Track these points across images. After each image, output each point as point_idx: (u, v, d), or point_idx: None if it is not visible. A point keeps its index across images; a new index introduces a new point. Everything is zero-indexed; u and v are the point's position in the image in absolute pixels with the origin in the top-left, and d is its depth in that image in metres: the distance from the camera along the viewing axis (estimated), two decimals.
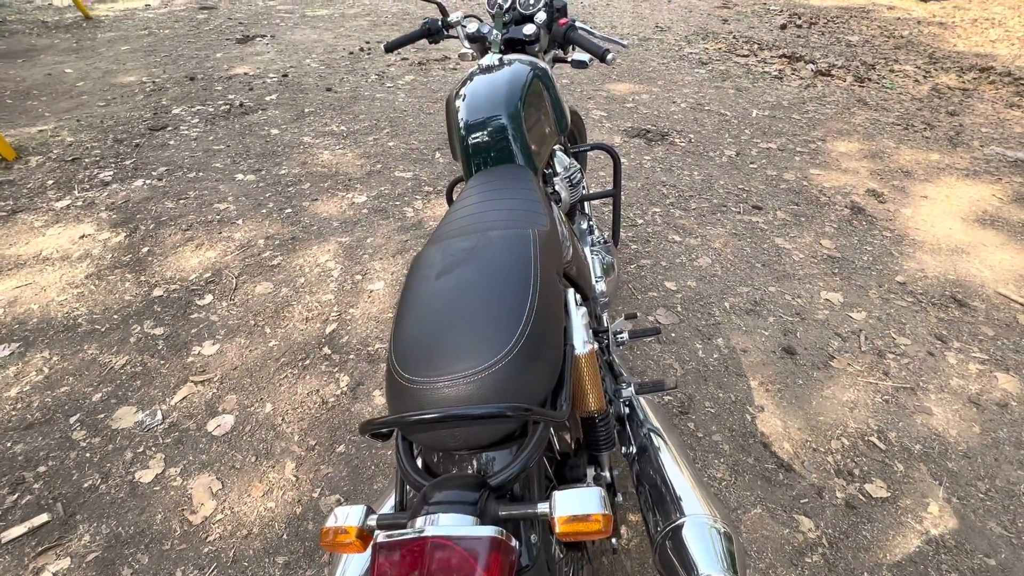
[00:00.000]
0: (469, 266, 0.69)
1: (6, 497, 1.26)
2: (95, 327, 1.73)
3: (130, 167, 2.63)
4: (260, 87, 3.61)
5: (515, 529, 0.56)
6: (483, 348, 0.58)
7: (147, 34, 4.73)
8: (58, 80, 3.72)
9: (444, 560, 0.45)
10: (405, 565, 0.46)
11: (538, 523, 0.60)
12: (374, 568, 0.48)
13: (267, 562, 1.16)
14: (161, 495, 1.28)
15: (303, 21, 5.23)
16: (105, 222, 2.22)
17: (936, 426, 1.49)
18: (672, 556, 0.70)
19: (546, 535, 0.66)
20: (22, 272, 1.95)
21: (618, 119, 3.34)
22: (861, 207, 2.52)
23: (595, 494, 0.51)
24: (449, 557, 0.45)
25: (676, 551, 0.70)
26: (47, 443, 1.38)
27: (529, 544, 0.57)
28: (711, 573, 0.65)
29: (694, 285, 1.99)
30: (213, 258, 2.04)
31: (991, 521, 1.26)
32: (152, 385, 1.54)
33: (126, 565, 1.15)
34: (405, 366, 0.60)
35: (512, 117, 1.06)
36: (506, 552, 0.47)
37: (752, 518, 1.25)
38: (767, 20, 5.87)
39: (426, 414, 0.53)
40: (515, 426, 0.58)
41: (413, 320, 0.64)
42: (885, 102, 3.77)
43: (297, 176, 2.60)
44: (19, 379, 1.55)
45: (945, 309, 1.92)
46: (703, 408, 1.52)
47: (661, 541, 0.72)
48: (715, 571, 0.65)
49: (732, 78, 4.12)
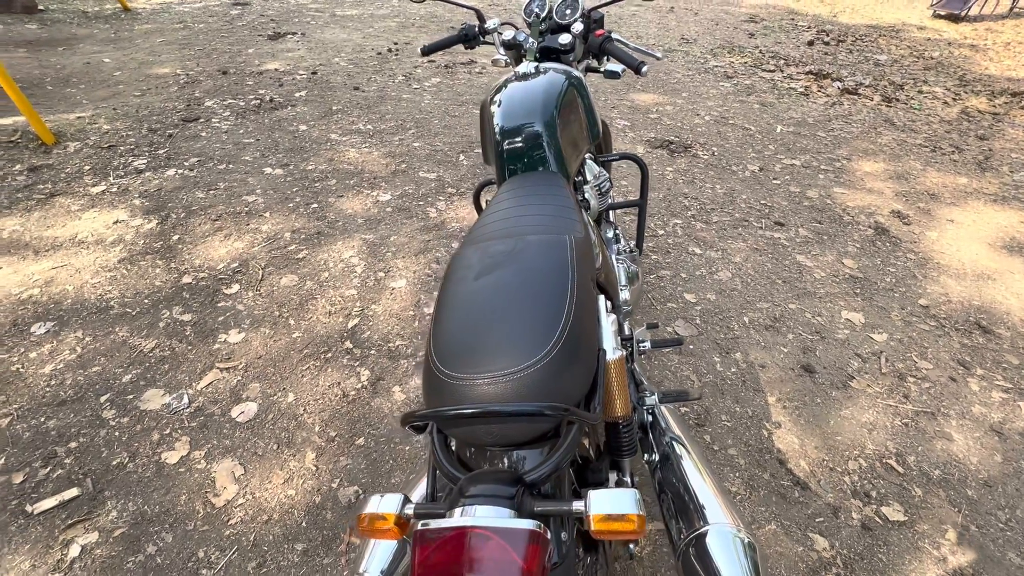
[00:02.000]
0: (508, 268, 0.71)
1: (39, 470, 1.30)
2: (126, 310, 1.78)
3: (163, 156, 2.70)
4: (290, 83, 3.68)
5: (547, 526, 0.57)
6: (522, 348, 0.60)
7: (182, 27, 4.84)
8: (96, 69, 3.83)
9: (484, 550, 0.47)
10: (447, 554, 0.48)
11: (568, 522, 0.61)
12: (416, 556, 0.49)
13: (286, 548, 1.18)
14: (186, 477, 1.31)
15: (333, 20, 5.32)
16: (138, 209, 2.29)
17: (956, 452, 1.48)
18: (696, 563, 0.70)
19: (571, 536, 0.68)
20: (58, 254, 2.02)
21: (641, 129, 3.35)
22: (885, 228, 2.50)
23: (631, 495, 0.52)
24: (490, 547, 0.47)
25: (700, 559, 0.70)
26: (78, 420, 1.43)
27: (559, 541, 0.58)
28: None
29: (713, 298, 1.99)
30: (241, 249, 2.09)
31: (1011, 552, 1.24)
32: (179, 370, 1.58)
33: (151, 542, 1.18)
34: (445, 362, 0.62)
35: (547, 124, 1.08)
36: (543, 545, 0.49)
37: (766, 534, 1.25)
38: (794, 36, 5.85)
39: (466, 409, 0.55)
40: (550, 425, 0.59)
41: (453, 318, 0.66)
42: (913, 123, 3.74)
43: (324, 172, 2.65)
44: (53, 357, 1.60)
45: (969, 335, 1.89)
46: (720, 421, 1.52)
47: (684, 548, 0.73)
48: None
49: (757, 93, 4.11)
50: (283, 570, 1.14)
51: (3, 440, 1.35)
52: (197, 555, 1.16)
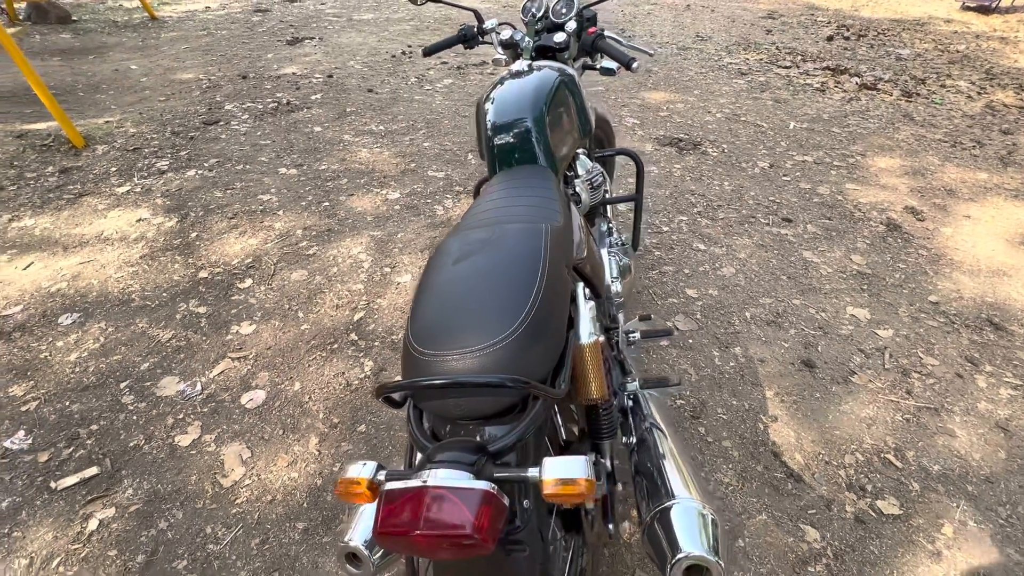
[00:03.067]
0: (483, 254, 0.75)
1: (63, 450, 1.39)
2: (146, 303, 1.87)
3: (184, 158, 2.81)
4: (306, 86, 3.79)
5: (509, 492, 0.60)
6: (490, 326, 0.63)
7: (206, 34, 5.02)
8: (124, 75, 4.00)
9: (441, 508, 0.51)
10: (407, 510, 0.52)
11: (532, 493, 0.64)
12: (380, 513, 0.53)
13: (288, 527, 1.24)
14: (197, 459, 1.38)
15: (350, 25, 5.44)
16: (160, 208, 2.39)
17: (958, 448, 1.46)
18: (659, 534, 0.73)
19: (543, 512, 0.71)
20: (85, 250, 2.13)
21: (651, 127, 3.36)
22: (897, 224, 2.46)
23: (581, 461, 0.55)
24: (446, 506, 0.51)
25: (663, 530, 0.73)
26: (100, 404, 1.51)
27: (522, 509, 0.62)
28: (693, 551, 0.68)
29: (716, 294, 1.99)
30: (254, 245, 2.18)
31: (1010, 548, 1.23)
32: (194, 359, 1.66)
33: (163, 518, 1.25)
34: (419, 340, 0.66)
35: (536, 120, 1.11)
36: (496, 506, 0.52)
37: (756, 524, 1.26)
38: (813, 32, 5.75)
39: (433, 380, 0.59)
40: (514, 399, 0.63)
41: (429, 301, 0.70)
42: (933, 118, 3.65)
43: (336, 172, 2.73)
44: (78, 346, 1.70)
45: (980, 332, 1.86)
46: (715, 414, 1.53)
47: (650, 521, 0.76)
48: (698, 550, 0.68)
49: (771, 89, 4.06)
50: (284, 547, 1.20)
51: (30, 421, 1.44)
52: (205, 531, 1.23)
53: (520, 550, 0.61)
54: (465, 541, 0.50)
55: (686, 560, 0.67)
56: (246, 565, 1.17)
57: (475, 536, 0.49)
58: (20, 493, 1.29)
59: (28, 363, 1.64)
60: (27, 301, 1.87)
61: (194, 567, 1.16)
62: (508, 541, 0.61)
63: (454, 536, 0.50)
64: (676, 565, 0.67)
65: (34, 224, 2.26)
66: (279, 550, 1.20)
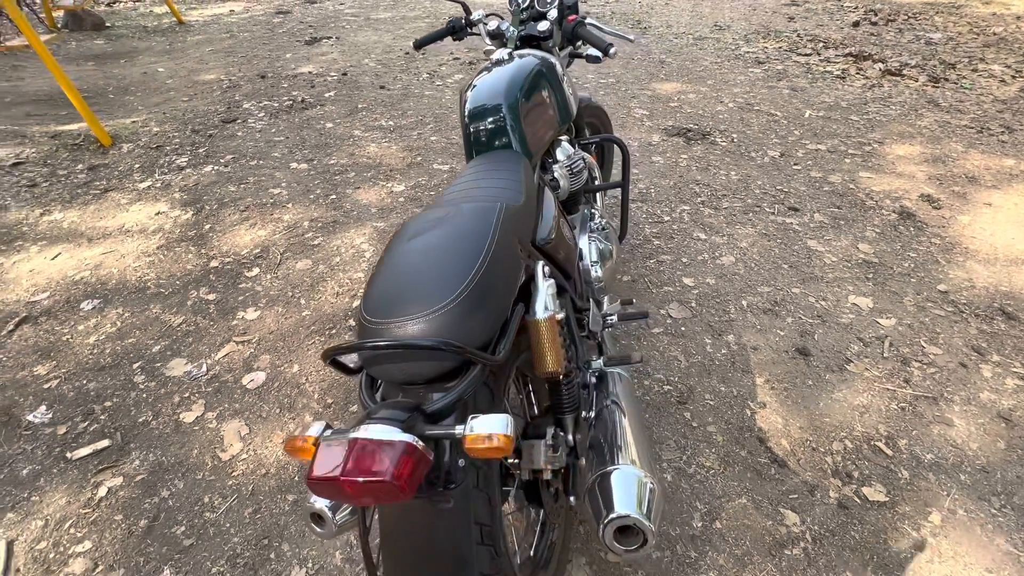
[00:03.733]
0: (436, 231, 0.78)
1: (79, 424, 1.49)
2: (160, 290, 1.98)
3: (203, 154, 2.94)
4: (321, 84, 3.89)
5: (440, 451, 0.64)
6: (431, 295, 0.67)
7: (229, 37, 5.20)
8: (152, 78, 4.19)
9: (365, 458, 0.55)
10: (334, 459, 0.56)
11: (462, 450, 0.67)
12: (312, 463, 0.58)
13: (279, 498, 1.30)
14: (199, 434, 1.46)
15: (367, 24, 5.54)
16: (177, 201, 2.51)
17: (955, 438, 1.42)
18: (598, 496, 0.75)
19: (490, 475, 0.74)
20: (107, 241, 2.26)
21: (660, 118, 3.33)
22: (911, 212, 2.39)
23: (502, 419, 0.58)
24: (369, 455, 0.55)
25: (601, 493, 0.75)
26: (113, 383, 1.61)
27: (456, 467, 0.65)
28: (625, 512, 0.70)
29: (713, 282, 1.98)
30: (263, 236, 2.26)
31: (1000, 537, 1.20)
32: (201, 342, 1.75)
33: (165, 488, 1.33)
34: (368, 311, 0.70)
35: (511, 107, 1.14)
36: (418, 459, 0.56)
37: (735, 507, 1.26)
38: (839, 17, 5.57)
39: (378, 341, 0.63)
40: (453, 364, 0.66)
41: (381, 274, 0.74)
42: (960, 104, 3.50)
43: (344, 166, 2.81)
44: (97, 329, 1.81)
45: (990, 321, 1.79)
46: (702, 400, 1.53)
47: (591, 485, 0.78)
48: (630, 511, 0.70)
49: (789, 78, 3.96)
50: (275, 517, 1.26)
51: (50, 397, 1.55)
52: (203, 500, 1.30)
53: (445, 502, 0.64)
54: (385, 489, 0.53)
55: (617, 520, 0.69)
56: (239, 532, 1.24)
57: (393, 483, 0.53)
58: (39, 462, 1.40)
59: (52, 345, 1.76)
60: (53, 288, 2.00)
61: (191, 532, 1.24)
62: (437, 494, 0.64)
63: (374, 483, 0.53)
64: (608, 525, 0.69)
65: (63, 217, 2.41)
66: (270, 519, 1.26)
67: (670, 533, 1.21)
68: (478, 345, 0.68)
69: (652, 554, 1.17)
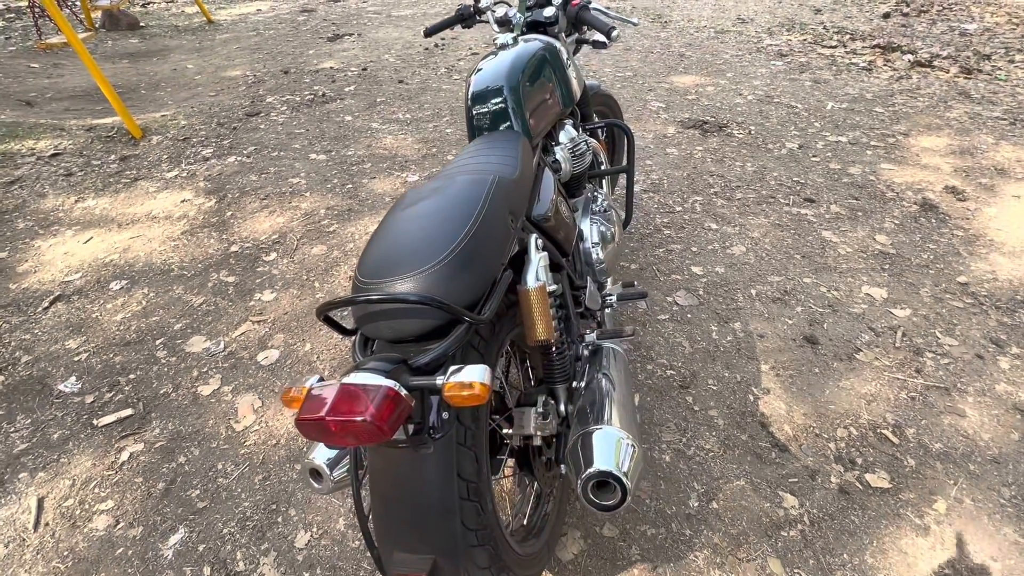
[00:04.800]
0: (430, 200, 0.81)
1: (105, 394, 1.58)
2: (183, 272, 2.07)
3: (227, 146, 3.04)
4: (342, 79, 3.98)
5: (427, 405, 0.67)
6: (420, 256, 0.70)
7: (255, 34, 5.35)
8: (181, 74, 4.35)
9: (348, 399, 0.58)
10: (321, 403, 0.59)
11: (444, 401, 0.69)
12: (302, 406, 0.61)
13: (287, 467, 1.36)
14: (215, 406, 1.53)
15: (388, 21, 5.63)
16: (202, 190, 2.61)
17: (966, 428, 1.39)
18: (579, 453, 0.77)
19: (474, 428, 0.76)
20: (136, 226, 2.36)
21: (676, 110, 3.30)
22: (934, 204, 2.32)
23: (481, 369, 0.61)
24: (352, 398, 0.58)
25: (582, 450, 0.77)
26: (138, 357, 1.70)
27: (440, 418, 0.68)
28: (604, 468, 0.71)
29: (722, 271, 1.97)
30: (281, 223, 2.34)
31: (1007, 527, 1.17)
32: (220, 321, 1.83)
33: (182, 454, 1.40)
34: (363, 272, 0.73)
35: (512, 89, 1.16)
36: (398, 403, 0.59)
37: (733, 489, 1.26)
38: (868, 9, 5.42)
39: (369, 296, 0.67)
40: (438, 321, 0.69)
41: (377, 239, 0.78)
42: (993, 95, 3.38)
43: (361, 157, 2.87)
44: (124, 308, 1.91)
45: (1011, 314, 1.74)
46: (705, 385, 1.53)
47: (573, 444, 0.80)
48: (609, 467, 0.72)
49: (812, 70, 3.88)
50: (283, 484, 1.32)
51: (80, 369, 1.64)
52: (216, 467, 1.37)
53: (426, 447, 0.67)
54: (363, 428, 0.56)
55: (595, 476, 0.71)
56: (249, 497, 1.29)
57: (372, 423, 0.56)
58: (68, 427, 1.48)
59: (83, 321, 1.86)
60: (85, 270, 2.11)
61: (205, 496, 1.30)
62: (419, 440, 0.67)
63: (355, 422, 0.57)
64: (586, 479, 0.71)
65: (95, 204, 2.53)
66: (278, 486, 1.31)
67: (665, 511, 1.22)
68: (464, 305, 0.71)
69: (647, 531, 1.18)
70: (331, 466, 0.84)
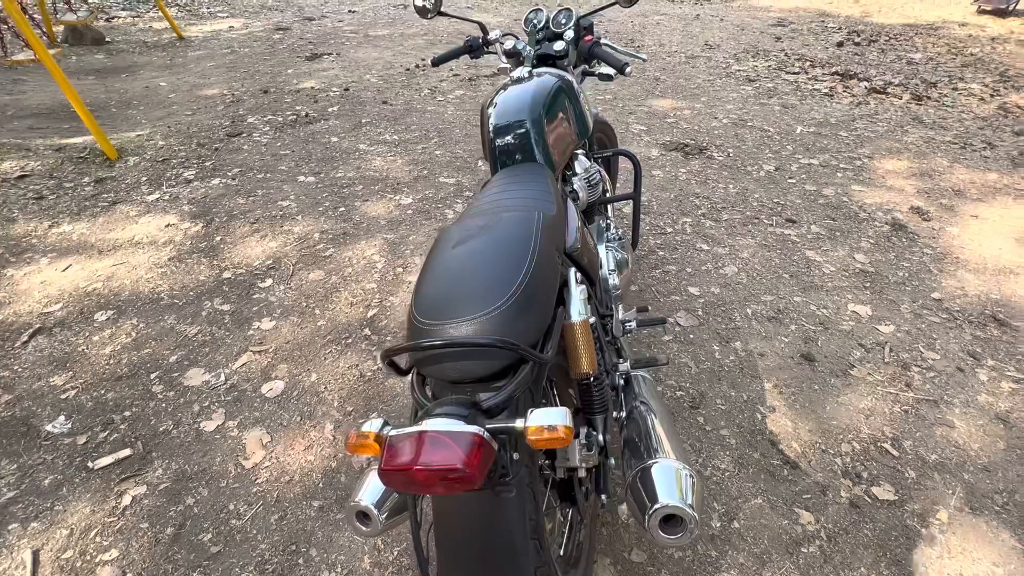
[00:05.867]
0: (480, 238, 0.82)
1: (99, 433, 1.50)
2: (174, 301, 1.99)
3: (209, 167, 2.96)
4: (324, 99, 3.95)
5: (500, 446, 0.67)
6: (484, 298, 0.71)
7: (229, 52, 5.25)
8: (154, 92, 4.22)
9: (436, 447, 0.58)
10: (408, 450, 0.59)
11: (521, 449, 0.71)
12: (383, 456, 0.61)
13: (304, 504, 1.32)
14: (220, 442, 1.47)
15: (366, 40, 5.64)
16: (186, 214, 2.53)
17: (957, 439, 1.48)
18: (640, 490, 0.79)
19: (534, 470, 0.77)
20: (118, 253, 2.27)
21: (657, 133, 3.42)
22: (903, 224, 2.48)
23: (561, 411, 0.62)
24: (440, 445, 0.58)
25: (643, 486, 0.79)
26: (132, 393, 1.62)
27: (512, 461, 0.69)
28: (670, 502, 0.73)
29: (717, 291, 2.04)
30: (275, 248, 2.29)
31: (1005, 532, 1.25)
32: (218, 352, 1.77)
33: (190, 495, 1.34)
34: (422, 313, 0.74)
35: (535, 122, 1.19)
36: (485, 448, 0.59)
37: (752, 507, 1.30)
38: (823, 38, 5.77)
39: (434, 341, 0.67)
40: (505, 362, 0.70)
41: (431, 279, 0.78)
42: (943, 120, 3.65)
43: (352, 179, 2.85)
44: (112, 340, 1.82)
45: (983, 327, 1.87)
46: (714, 404, 1.57)
47: (631, 481, 0.82)
48: (674, 500, 0.74)
49: (779, 95, 4.10)
50: (301, 522, 1.28)
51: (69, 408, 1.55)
52: (228, 508, 1.31)
53: (508, 491, 0.68)
54: (456, 475, 0.57)
55: (663, 510, 0.73)
56: (266, 538, 1.25)
57: (465, 470, 0.56)
58: (61, 471, 1.40)
59: (67, 355, 1.76)
60: (66, 300, 2.00)
61: (218, 539, 1.25)
62: (498, 484, 0.67)
63: (447, 470, 0.57)
64: (653, 515, 0.73)
65: (72, 229, 2.42)
66: (296, 525, 1.27)
67: None
68: (528, 344, 0.72)
69: (674, 554, 1.20)
70: (379, 506, 0.83)
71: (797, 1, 7.56)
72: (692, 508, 0.73)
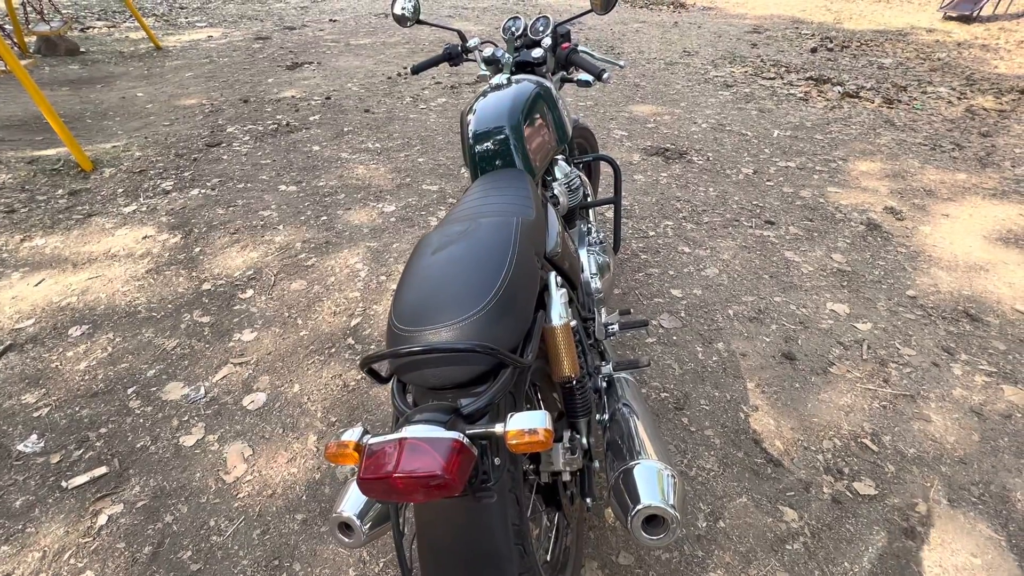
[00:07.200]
0: (459, 244, 0.83)
1: (73, 452, 1.46)
2: (152, 314, 1.95)
3: (188, 178, 2.92)
4: (305, 108, 3.93)
5: (481, 452, 0.67)
6: (462, 303, 0.71)
7: (208, 62, 5.20)
8: (130, 102, 4.16)
9: (415, 454, 0.58)
10: (387, 458, 0.59)
11: (502, 453, 0.71)
12: (362, 464, 0.60)
13: (287, 518, 1.29)
14: (200, 457, 1.44)
15: (347, 49, 5.63)
16: (164, 225, 2.49)
17: (933, 432, 1.51)
18: (623, 490, 0.79)
19: (517, 474, 0.77)
20: (94, 266, 2.22)
21: (638, 138, 3.47)
22: (877, 224, 2.54)
23: (541, 415, 0.62)
24: (419, 452, 0.58)
25: (626, 487, 0.79)
26: (108, 409, 1.58)
27: (493, 465, 0.68)
28: (652, 503, 0.74)
29: (700, 293, 2.06)
30: (255, 258, 2.26)
31: (981, 523, 1.27)
32: (197, 365, 1.74)
33: (168, 513, 1.31)
34: (400, 319, 0.73)
35: (514, 128, 1.20)
36: (464, 454, 0.59)
37: (736, 506, 1.31)
38: (797, 44, 5.92)
39: (412, 347, 0.67)
40: (485, 367, 0.70)
41: (410, 285, 0.78)
42: (914, 123, 3.76)
43: (334, 188, 2.83)
44: (88, 355, 1.77)
45: (956, 323, 1.92)
46: (698, 405, 1.59)
47: (615, 482, 0.82)
48: (656, 501, 0.74)
49: (756, 100, 4.19)
50: (284, 537, 1.26)
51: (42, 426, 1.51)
52: (208, 524, 1.28)
53: (488, 496, 0.67)
54: (435, 482, 0.56)
55: (645, 511, 0.73)
56: (248, 554, 1.22)
57: (444, 476, 0.56)
58: (33, 492, 1.36)
59: (40, 372, 1.71)
60: (38, 315, 1.95)
61: (198, 557, 1.22)
62: (478, 489, 0.67)
63: (426, 477, 0.56)
64: (636, 516, 0.73)
65: (45, 243, 2.36)
66: (279, 540, 1.25)
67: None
68: (508, 348, 0.72)
69: (661, 555, 1.21)
70: (361, 517, 0.82)
71: (772, 8, 7.74)
72: (674, 508, 0.74)
